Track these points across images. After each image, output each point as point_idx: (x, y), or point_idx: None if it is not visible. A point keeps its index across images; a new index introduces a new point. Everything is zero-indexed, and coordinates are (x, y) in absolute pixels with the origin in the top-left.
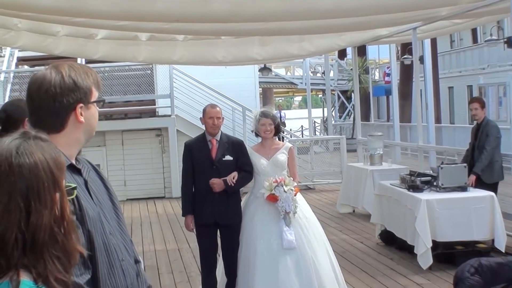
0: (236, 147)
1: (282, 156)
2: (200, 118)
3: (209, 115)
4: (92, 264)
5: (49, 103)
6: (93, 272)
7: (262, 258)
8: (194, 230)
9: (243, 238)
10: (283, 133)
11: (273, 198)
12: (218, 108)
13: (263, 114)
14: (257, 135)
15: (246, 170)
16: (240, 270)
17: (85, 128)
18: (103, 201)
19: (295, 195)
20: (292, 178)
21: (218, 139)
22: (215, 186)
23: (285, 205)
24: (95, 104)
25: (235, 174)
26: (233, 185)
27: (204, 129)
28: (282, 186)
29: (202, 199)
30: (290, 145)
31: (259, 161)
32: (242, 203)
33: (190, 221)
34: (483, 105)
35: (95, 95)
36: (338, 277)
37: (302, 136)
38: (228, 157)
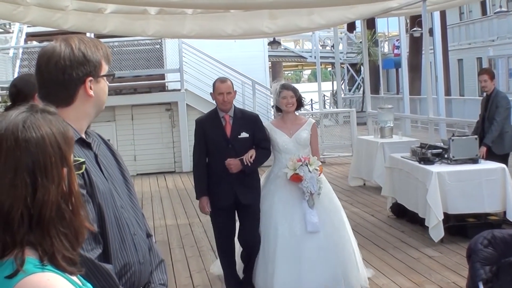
0: (251, 122)
1: (305, 133)
2: (211, 94)
3: (219, 91)
4: (103, 239)
5: (58, 76)
6: (104, 246)
7: (284, 241)
8: (209, 212)
9: (262, 219)
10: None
11: (297, 178)
12: (228, 82)
13: (284, 87)
14: (278, 109)
15: (263, 146)
16: (260, 253)
17: (95, 102)
18: (114, 175)
19: (319, 175)
20: (316, 157)
21: (232, 115)
22: (231, 167)
23: (309, 186)
24: (104, 78)
25: (252, 153)
26: (250, 164)
27: (215, 104)
28: (307, 166)
29: (219, 180)
30: (313, 121)
31: (281, 138)
32: (261, 181)
33: (206, 203)
34: (492, 77)
35: (105, 69)
36: (357, 259)
37: (312, 110)
38: (244, 134)
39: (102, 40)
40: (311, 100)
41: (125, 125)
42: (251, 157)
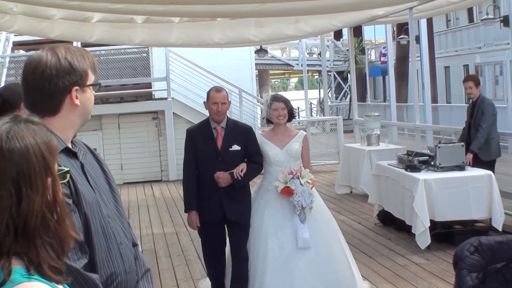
0: (244, 134)
1: (296, 145)
2: (204, 103)
3: (213, 100)
4: (90, 248)
5: (44, 85)
6: (91, 256)
7: (274, 257)
8: (198, 227)
9: (251, 235)
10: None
11: (288, 192)
12: (224, 92)
13: (275, 98)
14: (268, 121)
15: (255, 160)
16: (249, 269)
17: (81, 112)
18: (100, 184)
19: (311, 188)
20: (308, 170)
21: (224, 126)
22: (220, 180)
23: (301, 200)
24: (91, 87)
25: (243, 166)
26: (240, 178)
27: (208, 114)
28: (299, 179)
29: (208, 193)
30: (304, 133)
31: (272, 150)
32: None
33: (195, 218)
34: (477, 83)
35: (91, 78)
36: (353, 272)
37: (299, 118)
38: (236, 147)
39: (89, 48)
40: (298, 108)
41: (111, 134)
42: (241, 171)
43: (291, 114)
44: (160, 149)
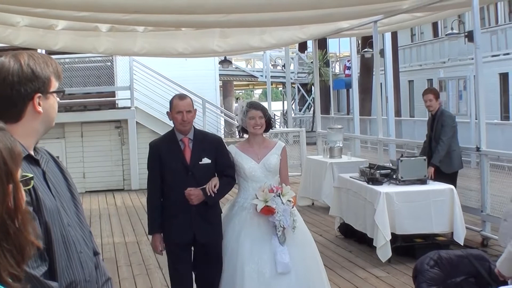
0: (213, 146)
1: (274, 158)
2: (167, 113)
3: (177, 109)
4: (49, 256)
5: (6, 92)
6: (50, 264)
7: (252, 283)
8: (163, 252)
9: (225, 259)
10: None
11: (268, 211)
12: (188, 99)
13: (252, 105)
14: (243, 131)
15: (227, 174)
16: None
17: (44, 119)
18: (62, 192)
19: (292, 207)
20: (289, 187)
21: (192, 137)
22: (192, 197)
23: (282, 219)
24: (54, 94)
25: (216, 181)
26: (214, 195)
27: (173, 125)
28: (280, 197)
29: (176, 213)
30: (283, 144)
31: (248, 164)
32: (222, 214)
33: (159, 241)
34: (437, 96)
35: (54, 86)
36: None
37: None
38: (206, 160)
39: (53, 56)
40: None
41: (74, 142)
42: (214, 186)
43: (269, 123)
44: (123, 158)
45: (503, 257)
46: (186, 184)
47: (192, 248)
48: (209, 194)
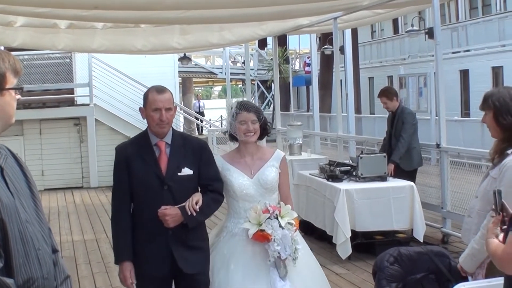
0: (197, 152)
1: (272, 172)
2: (140, 109)
3: (154, 105)
4: (6, 253)
5: None
6: (7, 260)
7: None
8: (134, 285)
9: None
10: (203, 123)
11: (262, 237)
12: (167, 94)
13: (243, 106)
14: (232, 138)
15: (214, 189)
16: None
17: (0, 116)
18: (21, 189)
19: (294, 231)
20: (289, 206)
21: (169, 141)
22: (167, 218)
23: (281, 248)
24: (12, 91)
25: (198, 197)
26: (195, 214)
27: (147, 125)
28: (277, 219)
29: (149, 237)
30: (282, 153)
31: (238, 179)
32: (209, 240)
33: (129, 272)
34: (390, 97)
35: (11, 82)
36: None
37: (222, 126)
38: (187, 171)
39: (12, 53)
40: (221, 116)
41: (33, 140)
42: (196, 203)
43: (264, 128)
44: (82, 155)
45: (466, 253)
46: (161, 200)
47: (174, 282)
48: (189, 213)
